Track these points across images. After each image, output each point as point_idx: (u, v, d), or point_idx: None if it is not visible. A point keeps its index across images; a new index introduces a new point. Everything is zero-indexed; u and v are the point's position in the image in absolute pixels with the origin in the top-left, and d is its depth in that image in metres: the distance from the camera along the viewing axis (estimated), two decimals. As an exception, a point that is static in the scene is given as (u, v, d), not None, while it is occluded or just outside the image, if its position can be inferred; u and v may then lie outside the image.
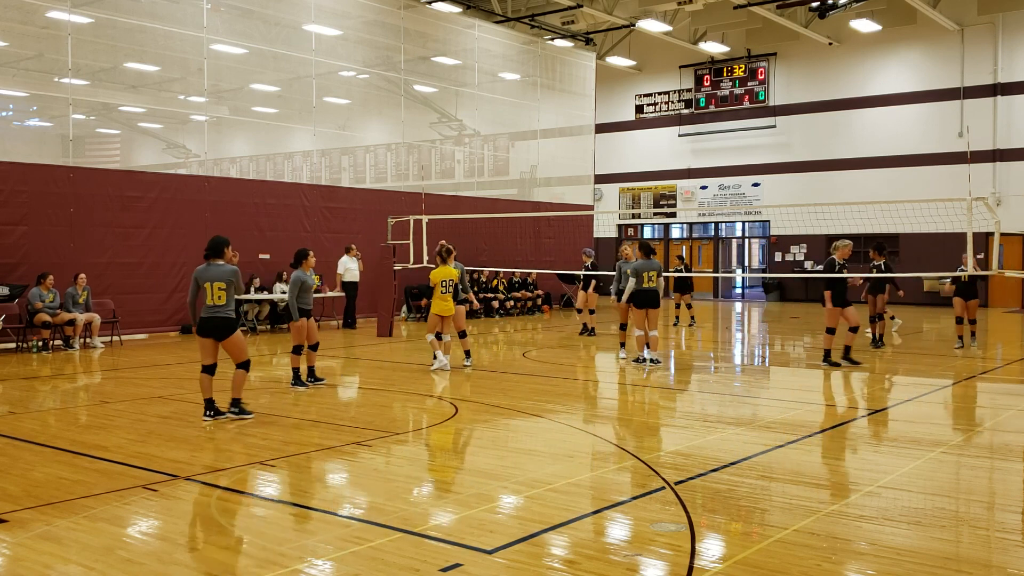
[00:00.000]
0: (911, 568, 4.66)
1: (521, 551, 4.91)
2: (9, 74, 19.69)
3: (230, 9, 19.58)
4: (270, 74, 22.46)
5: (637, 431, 8.61)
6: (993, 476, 6.85)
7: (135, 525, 5.54)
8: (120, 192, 17.07)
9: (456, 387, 11.02)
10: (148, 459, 7.11)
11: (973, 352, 14.36)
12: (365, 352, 15.36)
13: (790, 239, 29.86)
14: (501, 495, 6.09)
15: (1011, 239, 25.27)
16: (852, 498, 5.98)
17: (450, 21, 24.90)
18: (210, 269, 8.56)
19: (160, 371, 12.54)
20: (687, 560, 4.77)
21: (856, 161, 28.57)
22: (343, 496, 6.31)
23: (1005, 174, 26.32)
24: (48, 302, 14.99)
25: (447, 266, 12.33)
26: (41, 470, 6.79)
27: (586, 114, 28.91)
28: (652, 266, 12.82)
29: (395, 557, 4.79)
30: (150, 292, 17.43)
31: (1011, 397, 10.61)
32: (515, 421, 8.94)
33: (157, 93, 23.73)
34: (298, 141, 23.53)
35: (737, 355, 15.42)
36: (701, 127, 31.81)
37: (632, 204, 33.66)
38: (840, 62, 28.93)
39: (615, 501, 6.02)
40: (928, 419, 9.37)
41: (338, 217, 20.99)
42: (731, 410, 9.67)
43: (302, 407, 9.61)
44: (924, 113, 27.57)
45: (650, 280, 12.75)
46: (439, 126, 26.10)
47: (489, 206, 25.10)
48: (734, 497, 6.02)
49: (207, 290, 8.56)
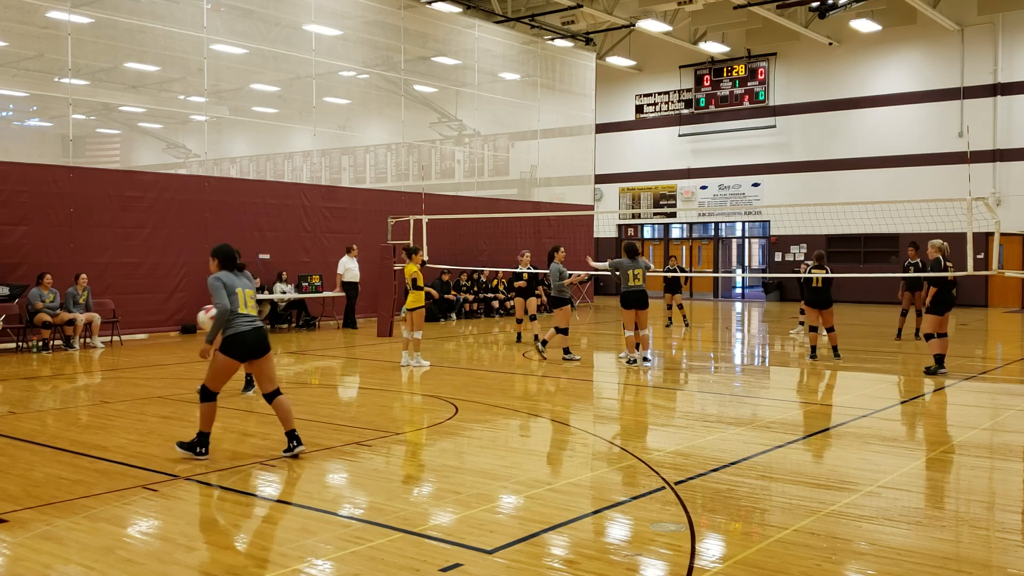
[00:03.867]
0: (911, 568, 4.66)
1: (521, 551, 4.91)
2: (9, 74, 19.69)
3: (230, 9, 19.58)
4: (270, 74, 22.46)
5: (637, 431, 8.61)
6: (993, 476, 6.85)
7: (135, 525, 5.54)
8: (120, 192, 17.07)
9: (456, 387, 11.01)
10: (148, 459, 7.11)
11: (836, 364, 13.22)
12: (365, 352, 15.36)
13: (790, 239, 29.86)
14: (501, 495, 6.09)
15: (1011, 239, 25.27)
16: (852, 498, 5.97)
17: (450, 21, 24.90)
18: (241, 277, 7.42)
19: (160, 371, 12.53)
20: (687, 560, 4.77)
21: (856, 161, 28.58)
22: (343, 496, 6.31)
23: (1005, 174, 26.32)
24: (48, 302, 14.99)
25: (410, 264, 13.00)
26: (41, 470, 6.79)
27: (586, 114, 28.91)
28: (637, 265, 12.80)
29: (395, 557, 4.79)
30: (150, 292, 17.43)
31: (1011, 397, 10.61)
32: (515, 421, 8.94)
33: (157, 93, 23.73)
34: (298, 141, 23.53)
35: (737, 355, 15.42)
36: (701, 127, 31.81)
37: (632, 204, 33.67)
38: (840, 62, 28.93)
39: (615, 501, 6.02)
40: (928, 419, 9.38)
41: (338, 217, 20.99)
42: (731, 410, 9.67)
43: (302, 407, 9.60)
44: (924, 113, 27.57)
45: (635, 279, 12.74)
46: (439, 126, 26.10)
47: (489, 206, 25.10)
48: (734, 497, 6.02)
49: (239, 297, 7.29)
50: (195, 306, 18.09)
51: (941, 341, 12.08)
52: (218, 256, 7.38)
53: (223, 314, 7.00)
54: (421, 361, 12.96)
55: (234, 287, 7.15)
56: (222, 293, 7.04)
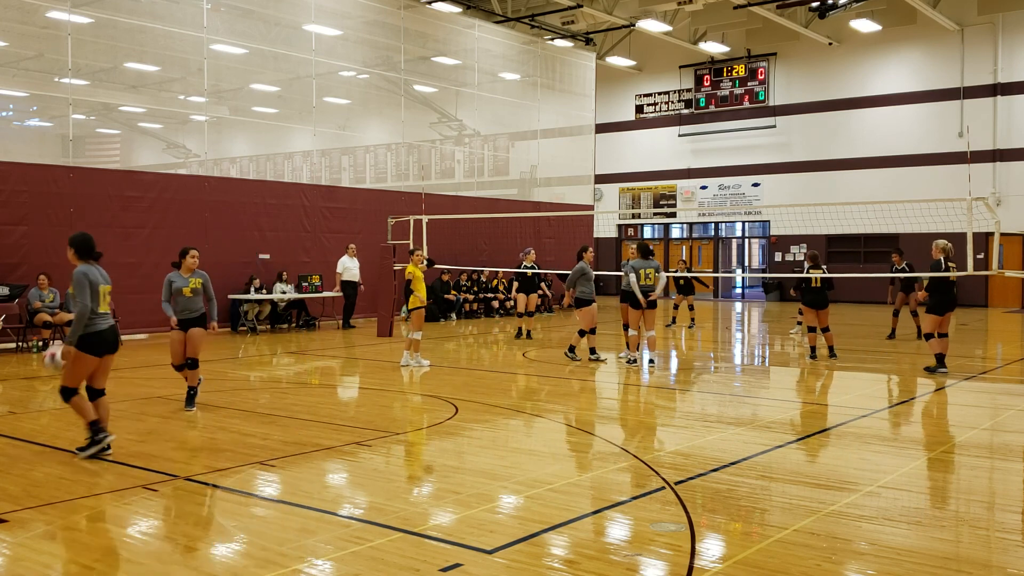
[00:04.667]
0: (911, 568, 4.66)
1: (521, 551, 4.91)
2: (9, 74, 19.70)
3: (230, 9, 19.58)
4: (270, 74, 22.47)
5: (637, 431, 8.61)
6: (993, 476, 6.85)
7: (135, 525, 5.53)
8: (120, 192, 17.07)
9: (456, 387, 11.01)
10: (148, 459, 7.11)
11: (833, 364, 13.26)
12: (365, 352, 15.36)
13: (790, 239, 29.86)
14: (501, 495, 6.09)
15: (1011, 239, 25.27)
16: (852, 498, 5.97)
17: (450, 21, 24.90)
18: None
19: (160, 371, 12.53)
20: (687, 560, 4.77)
21: (856, 161, 28.57)
22: (343, 496, 6.31)
23: (1005, 174, 26.32)
24: (48, 302, 14.99)
25: (410, 264, 13.11)
26: (41, 470, 6.79)
27: (586, 114, 28.91)
28: (650, 265, 12.85)
29: (395, 557, 4.79)
30: (150, 292, 17.33)
31: (1011, 397, 10.61)
32: (515, 421, 8.94)
33: (157, 93, 23.74)
34: (298, 141, 23.53)
35: (737, 355, 15.42)
36: (701, 127, 31.81)
37: (632, 204, 33.66)
38: (840, 62, 28.93)
39: (615, 501, 6.02)
40: (928, 419, 9.38)
41: (338, 217, 20.99)
42: (731, 410, 9.67)
43: (303, 407, 9.61)
44: (924, 113, 27.57)
45: (647, 278, 12.75)
46: (439, 126, 26.10)
47: (489, 206, 25.10)
48: (734, 497, 6.02)
49: None
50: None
51: (942, 341, 12.08)
52: (75, 245, 7.37)
53: (84, 314, 7.09)
54: (421, 361, 12.97)
55: (96, 284, 7.25)
56: (86, 292, 7.13)
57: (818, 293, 13.49)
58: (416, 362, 12.90)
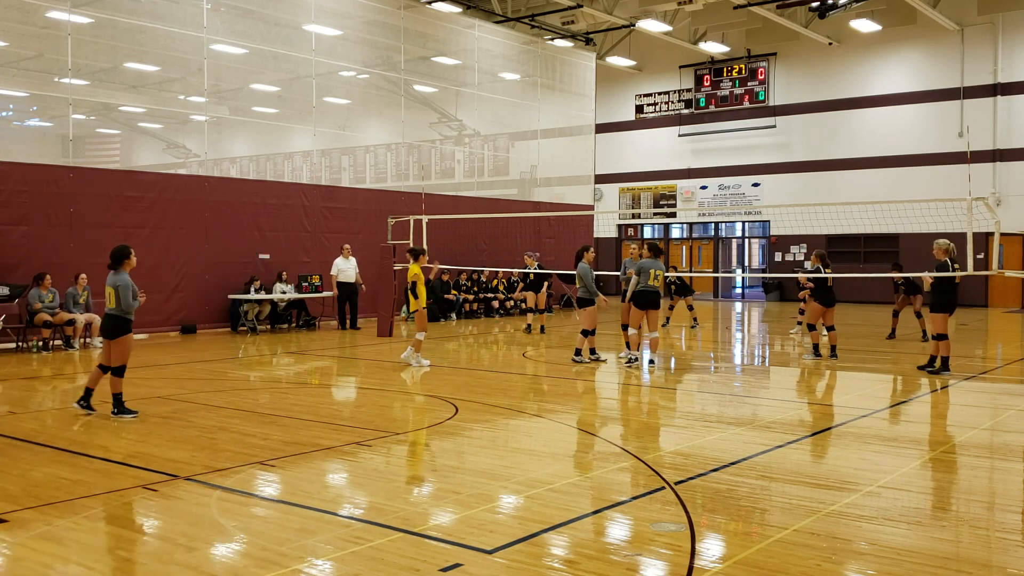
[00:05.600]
0: (911, 568, 4.66)
1: (521, 551, 4.91)
2: (9, 74, 19.70)
3: (230, 9, 19.58)
4: (270, 74, 22.47)
5: (637, 431, 8.61)
6: (993, 476, 6.85)
7: (135, 525, 5.53)
8: (120, 192, 17.07)
9: (456, 387, 11.01)
10: (148, 459, 7.11)
11: (833, 363, 13.30)
12: (365, 352, 15.36)
13: (790, 239, 29.86)
14: (501, 495, 6.09)
15: (1011, 239, 25.28)
16: (852, 498, 5.97)
17: (450, 21, 24.90)
18: None
19: (160, 371, 12.53)
20: (687, 560, 4.77)
21: (856, 161, 28.58)
22: (343, 496, 6.31)
23: (1005, 174, 26.32)
24: (48, 302, 14.99)
25: (412, 265, 12.95)
26: (41, 470, 6.79)
27: (586, 114, 28.91)
28: (656, 266, 12.85)
29: (395, 557, 4.79)
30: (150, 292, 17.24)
31: (1011, 397, 10.61)
32: (515, 421, 8.94)
33: (157, 93, 23.74)
34: (298, 141, 23.54)
35: (737, 355, 15.42)
36: (701, 127, 31.81)
37: (632, 204, 33.67)
38: (840, 62, 28.93)
39: (615, 501, 6.02)
40: (928, 419, 9.37)
41: (338, 217, 20.99)
42: (731, 410, 9.67)
43: (303, 407, 9.61)
44: (924, 113, 27.57)
45: (654, 279, 12.76)
46: (439, 126, 26.10)
47: (489, 206, 25.10)
48: (734, 497, 6.02)
49: None
50: (195, 306, 18.16)
51: (945, 343, 12.10)
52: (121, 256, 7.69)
53: None
54: (421, 361, 12.96)
55: None
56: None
57: (830, 291, 13.83)
58: (416, 361, 12.89)
